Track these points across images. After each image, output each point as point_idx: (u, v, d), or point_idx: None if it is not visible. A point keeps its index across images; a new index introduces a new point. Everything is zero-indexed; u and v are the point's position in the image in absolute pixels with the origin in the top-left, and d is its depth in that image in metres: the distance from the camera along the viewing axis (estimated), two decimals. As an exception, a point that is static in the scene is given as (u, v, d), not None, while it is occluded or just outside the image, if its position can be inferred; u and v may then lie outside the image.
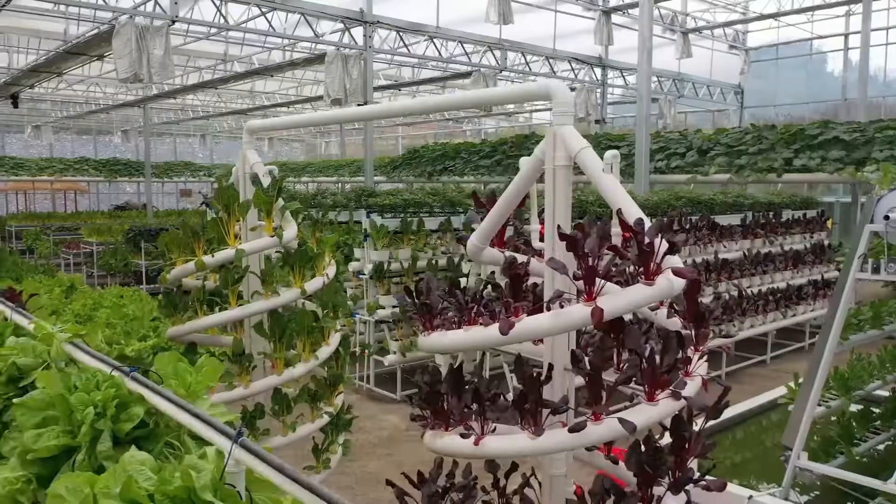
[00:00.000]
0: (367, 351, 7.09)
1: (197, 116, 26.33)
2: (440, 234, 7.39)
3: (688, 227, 7.73)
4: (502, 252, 2.63)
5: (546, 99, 2.24)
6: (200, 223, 3.49)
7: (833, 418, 5.35)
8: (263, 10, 11.66)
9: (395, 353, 6.95)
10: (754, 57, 21.35)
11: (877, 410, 5.53)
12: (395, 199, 7.42)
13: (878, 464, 4.92)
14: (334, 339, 3.80)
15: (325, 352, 3.70)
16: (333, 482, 5.48)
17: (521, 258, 2.59)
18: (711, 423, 6.00)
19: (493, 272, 3.35)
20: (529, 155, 10.36)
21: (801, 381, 4.85)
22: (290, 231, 3.49)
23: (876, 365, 5.31)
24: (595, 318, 1.82)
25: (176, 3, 10.34)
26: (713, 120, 21.73)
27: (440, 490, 2.33)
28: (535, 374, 1.98)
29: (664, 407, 1.96)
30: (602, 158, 2.17)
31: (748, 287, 8.35)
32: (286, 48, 15.29)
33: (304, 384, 3.74)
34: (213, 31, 13.48)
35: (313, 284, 3.61)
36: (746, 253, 8.52)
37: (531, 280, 2.37)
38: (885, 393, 5.87)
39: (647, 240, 1.92)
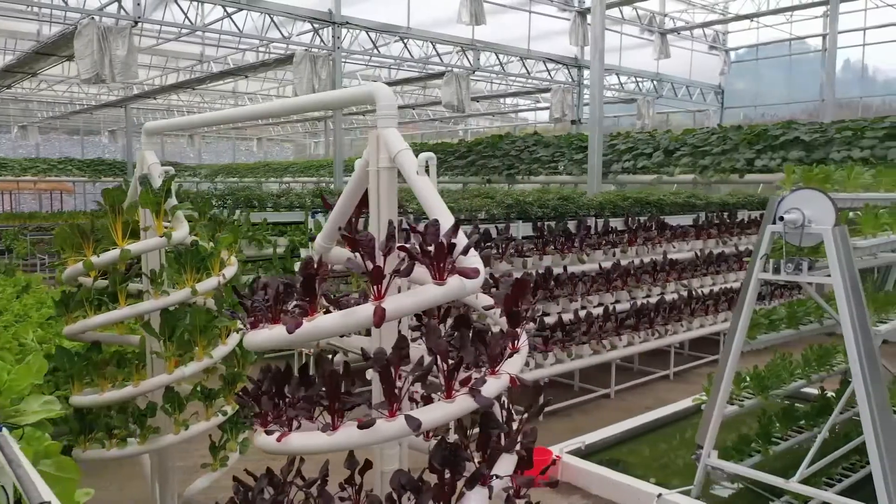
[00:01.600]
0: (310, 351, 7.13)
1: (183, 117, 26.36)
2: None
3: (634, 227, 7.77)
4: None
5: (370, 102, 2.28)
6: (90, 223, 3.54)
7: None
8: (229, 10, 11.70)
9: (337, 352, 7.00)
10: (735, 57, 21.41)
11: (803, 408, 5.57)
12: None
13: (795, 462, 4.93)
14: (232, 339, 3.84)
15: (220, 351, 3.72)
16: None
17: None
18: (644, 421, 6.00)
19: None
20: (503, 156, 10.67)
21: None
22: (181, 231, 3.53)
23: (800, 364, 5.36)
24: (376, 318, 1.86)
25: (139, 4, 10.38)
26: (694, 120, 21.77)
27: (264, 488, 2.37)
28: (333, 371, 2.02)
29: (461, 404, 1.99)
30: (416, 160, 2.21)
31: (699, 287, 8.39)
32: (259, 49, 15.33)
33: (196, 382, 3.78)
34: (185, 31, 13.54)
35: (206, 284, 3.64)
36: (699, 253, 8.56)
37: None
38: (815, 391, 5.92)
39: (439, 240, 1.96)
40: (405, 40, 14.08)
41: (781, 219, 4.06)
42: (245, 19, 13.21)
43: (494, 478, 2.10)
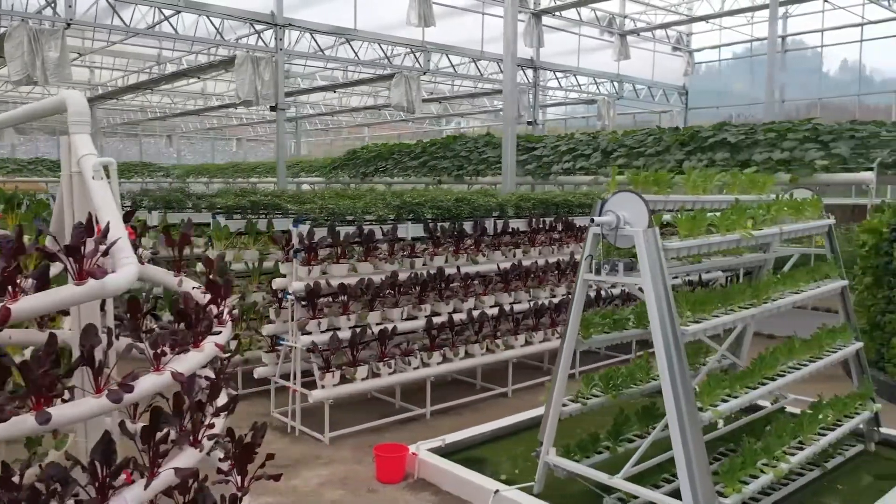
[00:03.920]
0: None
1: (155, 117, 26.47)
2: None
3: (539, 228, 7.84)
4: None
5: (63, 111, 2.37)
6: None
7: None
8: (167, 13, 11.78)
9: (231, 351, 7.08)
10: (699, 58, 21.50)
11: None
12: (240, 200, 7.57)
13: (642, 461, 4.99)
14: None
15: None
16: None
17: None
18: (517, 420, 6.05)
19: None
20: (454, 156, 10.76)
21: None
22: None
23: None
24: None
25: (70, 6, 10.47)
26: (659, 121, 21.87)
27: None
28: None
29: (101, 401, 2.07)
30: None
31: (610, 287, 8.47)
32: (209, 51, 15.42)
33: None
34: (129, 34, 13.62)
35: (17, 284, 3.73)
36: (611, 253, 8.62)
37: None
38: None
39: (77, 242, 2.05)
40: (351, 42, 14.16)
41: (592, 220, 4.15)
42: (197, 22, 13.31)
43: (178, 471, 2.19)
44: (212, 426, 2.45)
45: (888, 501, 4.52)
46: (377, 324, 6.34)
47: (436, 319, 6.71)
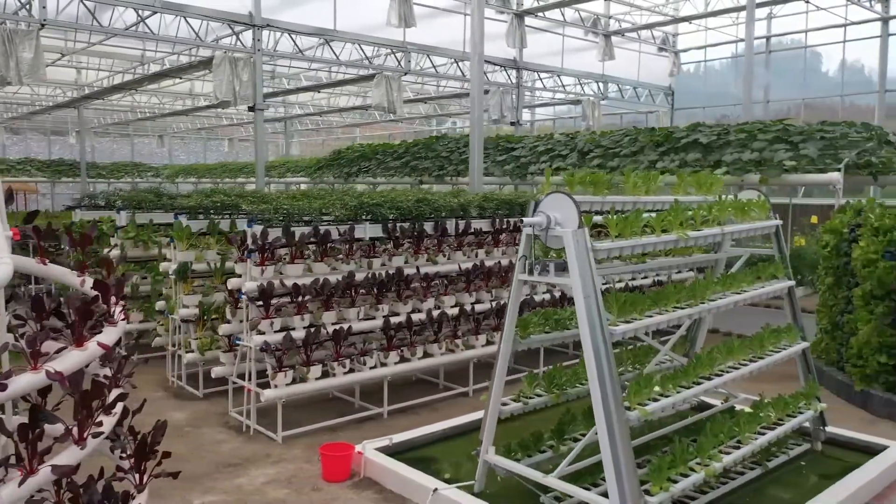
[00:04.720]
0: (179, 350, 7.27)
1: (144, 117, 26.49)
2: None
3: (503, 228, 7.87)
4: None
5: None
6: None
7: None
8: (144, 14, 11.80)
9: (193, 351, 7.11)
10: (685, 59, 21.54)
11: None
12: (203, 201, 7.60)
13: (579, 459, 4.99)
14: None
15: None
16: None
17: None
18: (477, 417, 6.06)
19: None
20: (435, 157, 10.84)
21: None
22: None
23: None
24: None
25: (44, 7, 10.50)
26: (646, 121, 21.90)
27: None
28: None
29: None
30: None
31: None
32: (190, 52, 15.45)
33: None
34: (110, 34, 13.65)
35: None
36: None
37: None
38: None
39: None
40: (331, 42, 14.18)
41: (521, 221, 4.18)
42: (179, 23, 13.33)
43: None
44: (100, 424, 2.49)
45: (821, 500, 4.55)
46: (333, 324, 6.37)
47: (394, 319, 6.74)
